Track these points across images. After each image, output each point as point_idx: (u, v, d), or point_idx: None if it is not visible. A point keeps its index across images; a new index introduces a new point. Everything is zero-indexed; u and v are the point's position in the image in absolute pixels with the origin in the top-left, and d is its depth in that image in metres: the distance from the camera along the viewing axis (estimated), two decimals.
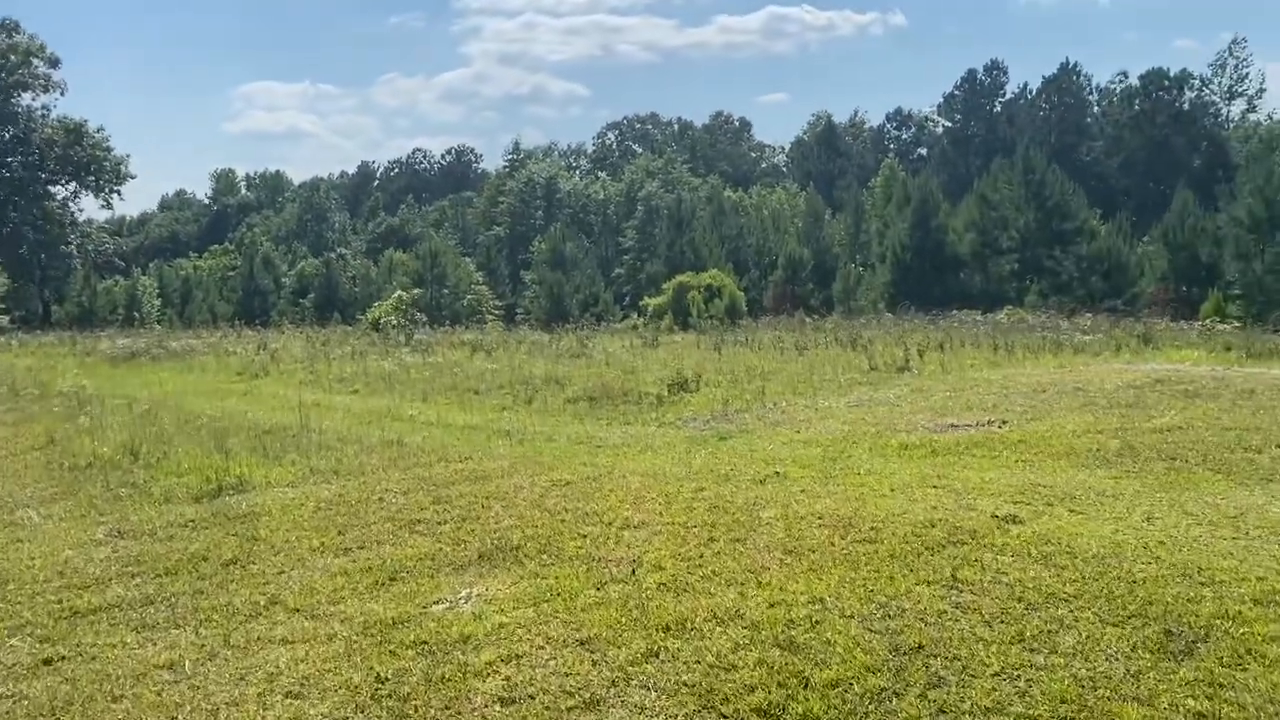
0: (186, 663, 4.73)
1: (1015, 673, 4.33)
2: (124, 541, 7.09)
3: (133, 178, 74.03)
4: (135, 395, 16.83)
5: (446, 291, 61.20)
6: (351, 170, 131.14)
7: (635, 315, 44.37)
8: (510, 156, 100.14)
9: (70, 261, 71.76)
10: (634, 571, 5.79)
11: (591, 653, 4.63)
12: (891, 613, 4.95)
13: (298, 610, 5.46)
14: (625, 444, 10.65)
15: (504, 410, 14.13)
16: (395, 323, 32.38)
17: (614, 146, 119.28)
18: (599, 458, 9.74)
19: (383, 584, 5.87)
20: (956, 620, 4.85)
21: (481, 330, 37.49)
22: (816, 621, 4.86)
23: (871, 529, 6.41)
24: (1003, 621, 4.83)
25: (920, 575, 5.48)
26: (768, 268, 53.91)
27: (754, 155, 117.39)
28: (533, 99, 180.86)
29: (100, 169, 71.70)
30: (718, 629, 4.83)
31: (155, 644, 5.04)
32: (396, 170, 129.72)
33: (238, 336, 32.46)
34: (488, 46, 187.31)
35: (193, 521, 7.61)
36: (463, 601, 5.45)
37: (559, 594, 5.45)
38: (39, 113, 71.24)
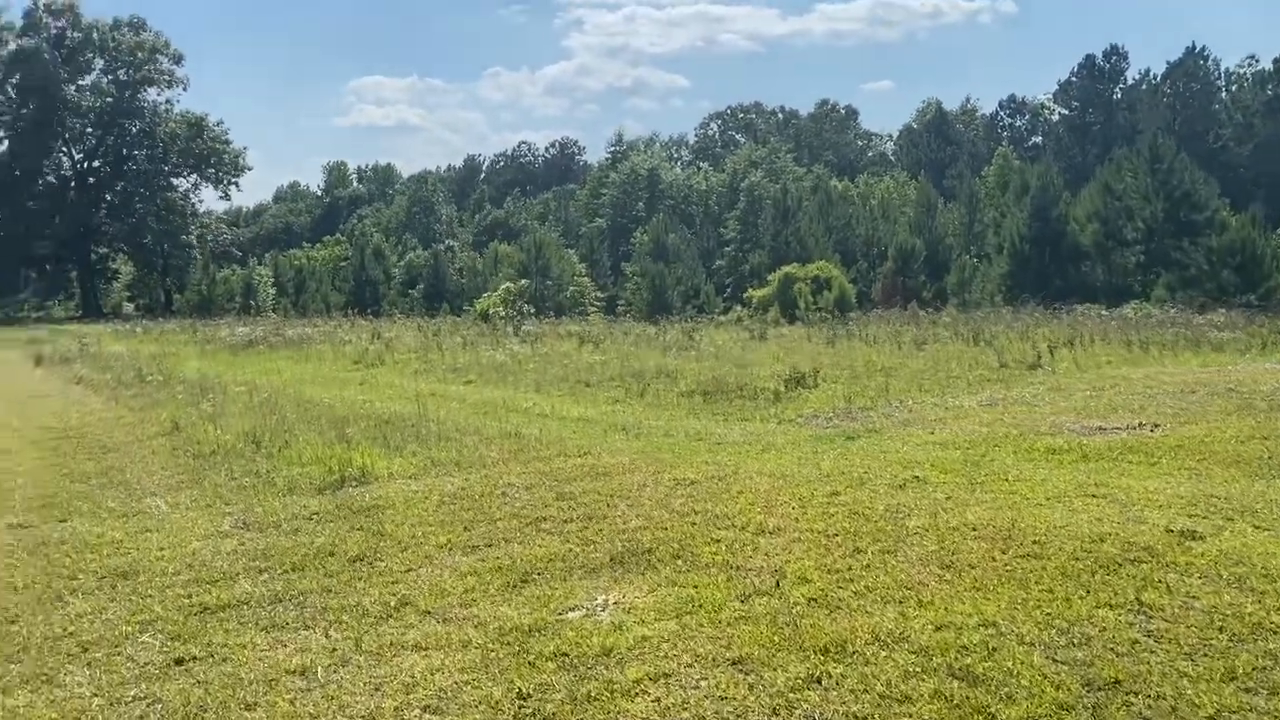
0: (319, 669, 4.53)
1: (1233, 717, 3.82)
2: (250, 534, 7.00)
3: (249, 170, 76.63)
4: (255, 382, 17.11)
5: (550, 283, 61.49)
6: (458, 163, 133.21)
7: (739, 307, 43.80)
8: (612, 148, 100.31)
9: (191, 251, 74.45)
10: (779, 584, 5.41)
11: (746, 674, 4.27)
12: (1076, 640, 4.47)
13: (429, 613, 5.23)
14: (746, 442, 10.26)
15: (616, 403, 13.88)
16: (504, 314, 32.54)
17: (716, 137, 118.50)
18: (720, 456, 9.39)
19: (514, 586, 5.62)
20: (1152, 652, 4.34)
21: (584, 322, 37.50)
22: (993, 648, 4.41)
23: (1034, 543, 5.90)
24: (1206, 655, 4.30)
25: (1100, 598, 4.97)
26: (876, 259, 52.68)
27: (860, 144, 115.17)
28: (634, 91, 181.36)
29: (220, 162, 74.23)
30: (882, 653, 4.42)
31: (286, 646, 4.86)
32: (502, 163, 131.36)
33: (351, 326, 33.04)
34: (590, 40, 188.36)
35: (317, 514, 7.51)
36: (600, 609, 5.15)
37: (701, 605, 5.11)
38: (163, 107, 74.15)
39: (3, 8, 69.92)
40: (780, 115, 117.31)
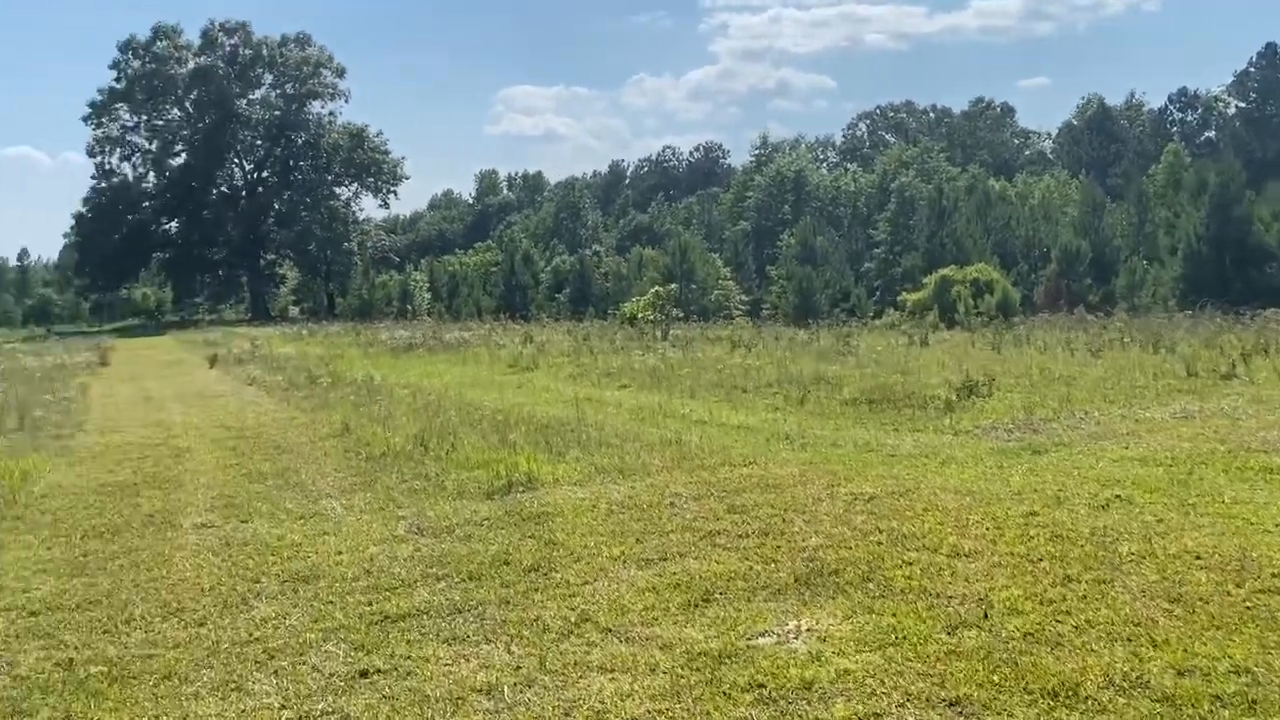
0: (505, 689, 4.36)
1: None
2: (425, 539, 6.97)
3: (407, 179, 79.15)
4: (417, 385, 17.47)
5: (694, 287, 61.35)
6: (604, 169, 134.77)
7: (892, 311, 42.61)
8: (757, 151, 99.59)
9: (352, 257, 77.61)
10: (986, 614, 4.97)
11: (966, 719, 3.88)
12: None
13: (610, 631, 5.02)
14: (921, 454, 9.73)
15: (776, 411, 13.48)
16: (651, 317, 32.49)
17: (865, 137, 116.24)
18: (896, 469, 8.91)
19: (695, 605, 5.36)
20: None
21: (730, 325, 37.12)
22: (1252, 700, 3.88)
23: (1274, 576, 5.28)
24: None
25: None
26: (1037, 261, 50.49)
27: (1017, 142, 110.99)
28: (778, 93, 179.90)
29: (379, 171, 77.05)
30: (1120, 700, 3.95)
31: (469, 661, 4.73)
32: (646, 168, 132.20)
33: (504, 329, 33.61)
34: (733, 43, 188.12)
35: (488, 520, 7.44)
36: (792, 636, 4.82)
37: (904, 637, 4.72)
38: (326, 119, 77.45)
39: (177, 28, 74.08)
40: (932, 114, 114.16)
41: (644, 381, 17.13)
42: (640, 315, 34.60)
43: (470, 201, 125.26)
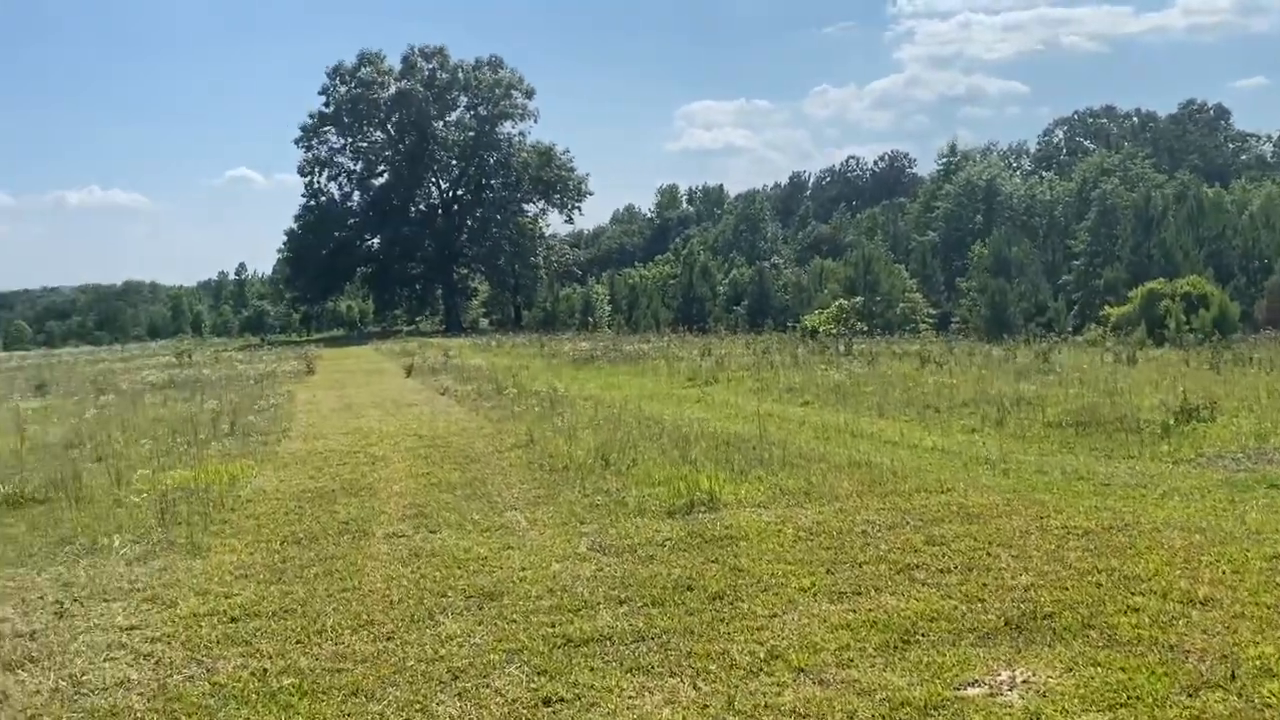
0: None
1: None
2: (607, 558, 6.83)
3: (590, 194, 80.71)
4: (598, 397, 17.56)
5: (879, 300, 59.77)
6: (784, 181, 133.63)
7: (1093, 326, 40.13)
8: (945, 159, 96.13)
9: (538, 271, 79.80)
10: (1234, 675, 4.38)
11: None
12: None
13: (802, 671, 4.70)
14: (1138, 484, 8.93)
15: (973, 433, 12.77)
16: (834, 331, 31.74)
17: (1061, 144, 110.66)
18: (1111, 501, 8.19)
19: (895, 647, 4.97)
20: None
21: (917, 340, 35.83)
22: None
23: None
24: None
25: None
26: (1257, 273, 46.53)
27: (1232, 146, 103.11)
28: (968, 100, 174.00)
29: (565, 188, 78.96)
30: None
31: (653, 694, 4.52)
32: (829, 179, 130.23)
33: (681, 342, 33.61)
34: (920, 50, 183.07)
35: (669, 540, 7.24)
36: (1005, 688, 4.38)
37: (1136, 696, 4.21)
38: (517, 139, 79.99)
39: (380, 55, 78.10)
40: (1136, 119, 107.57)
41: (828, 398, 16.63)
42: (822, 328, 33.90)
43: (650, 215, 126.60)
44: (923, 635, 5.10)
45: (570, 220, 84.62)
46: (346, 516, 8.61)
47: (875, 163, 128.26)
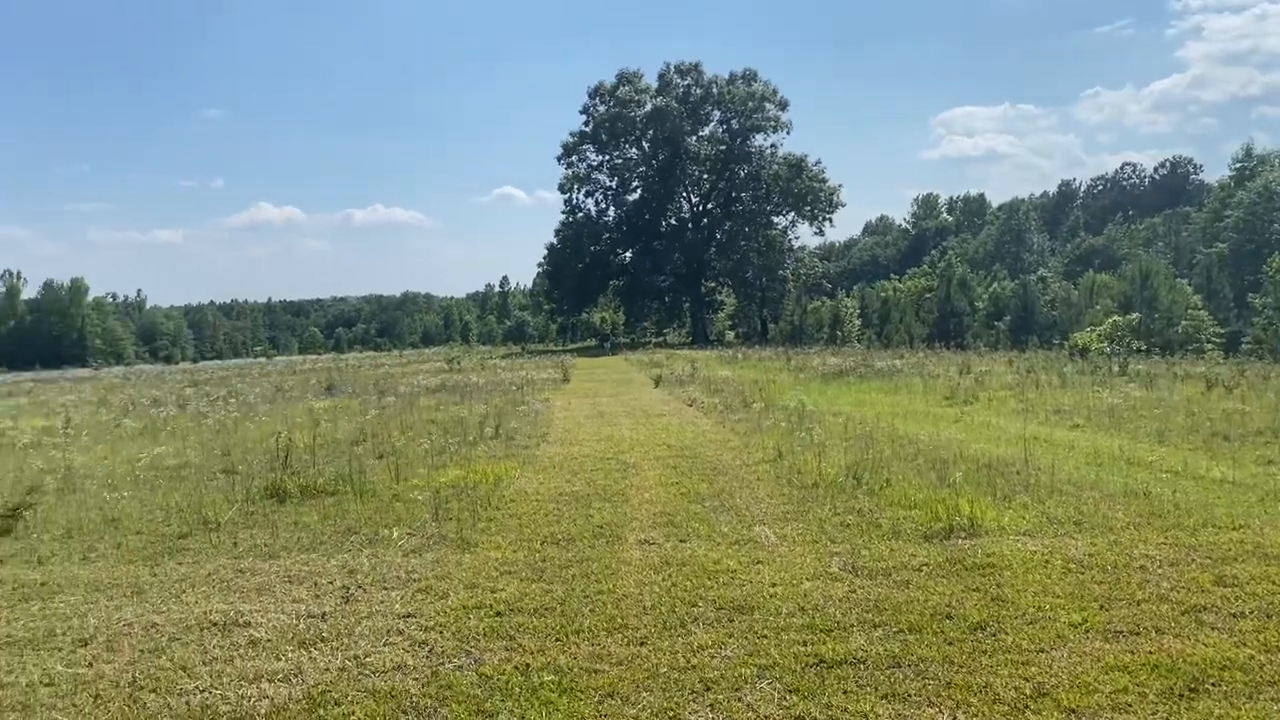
0: None
1: None
2: (860, 580, 6.67)
3: (842, 206, 79.52)
4: (848, 413, 17.22)
5: (1157, 317, 55.29)
6: (1051, 190, 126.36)
7: None
8: (1239, 165, 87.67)
9: (785, 284, 79.51)
10: None
11: None
12: None
13: (1073, 713, 4.40)
14: None
15: (1270, 464, 11.51)
16: (1106, 350, 29.61)
17: None
18: None
19: (1180, 695, 4.55)
20: None
21: (1201, 361, 32.82)
22: None
23: None
24: None
25: None
26: None
27: None
28: (1264, 99, 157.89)
29: (815, 199, 78.24)
30: None
31: None
32: (1101, 187, 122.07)
33: (937, 358, 32.42)
34: (1209, 47, 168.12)
35: (925, 565, 6.98)
36: None
37: None
38: (768, 151, 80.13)
39: (638, 74, 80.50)
40: None
41: (1100, 422, 15.52)
42: (1093, 347, 31.70)
43: (905, 226, 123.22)
44: (1212, 685, 4.64)
45: (820, 232, 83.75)
46: (601, 521, 8.87)
47: (1155, 169, 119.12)
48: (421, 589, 6.84)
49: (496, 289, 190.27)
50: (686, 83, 79.95)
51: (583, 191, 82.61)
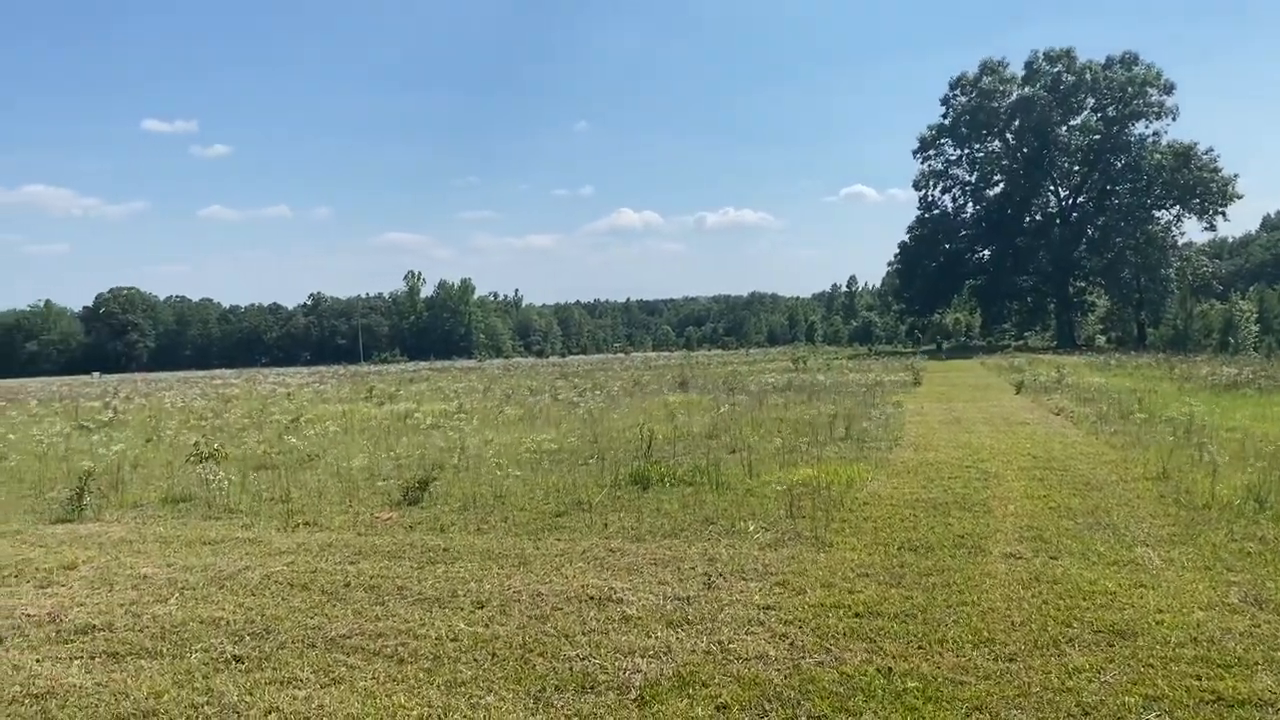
0: None
1: None
2: (1265, 615, 5.96)
3: (1238, 198, 70.90)
4: (1246, 429, 15.37)
5: None
6: None
7: None
8: None
9: (1168, 285, 72.10)
10: None
11: None
12: None
13: None
14: None
15: None
16: None
17: None
18: None
19: None
20: None
21: None
22: None
23: None
24: None
25: None
26: None
27: None
28: None
29: (1206, 191, 70.40)
30: None
31: None
32: None
33: None
34: None
35: None
36: None
37: None
38: (1149, 139, 73.19)
39: (1003, 63, 76.46)
40: None
41: None
42: None
43: None
44: None
45: (1212, 228, 75.20)
46: (960, 530, 8.57)
47: None
48: (779, 583, 6.97)
49: (843, 289, 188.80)
50: (1056, 70, 74.88)
51: (939, 187, 79.99)
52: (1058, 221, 77.28)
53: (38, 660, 5.88)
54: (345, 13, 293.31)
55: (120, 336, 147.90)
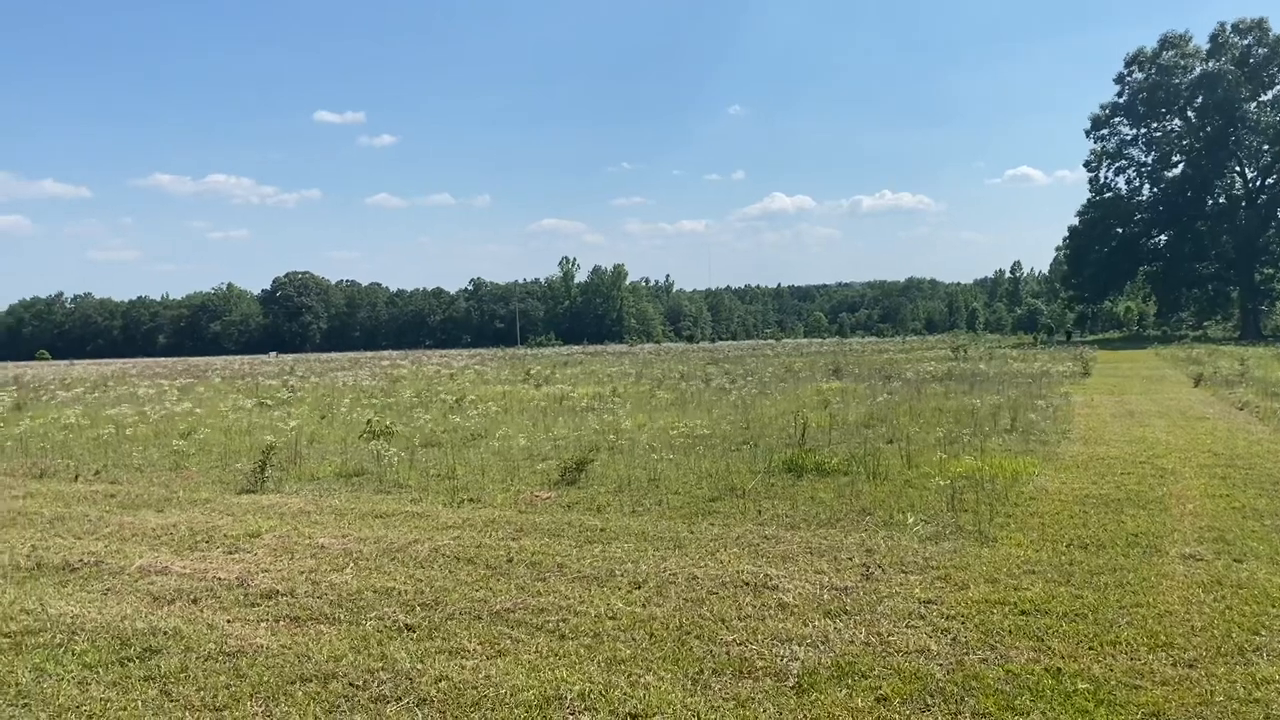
0: None
1: None
2: None
3: None
4: None
5: None
6: None
7: None
8: None
9: None
10: None
11: None
12: None
13: None
14: None
15: None
16: None
17: None
18: None
19: None
20: None
21: None
22: None
23: None
24: None
25: None
26: None
27: None
28: None
29: None
30: None
31: None
32: None
33: None
34: None
35: None
36: None
37: None
38: None
39: (1185, 36, 71.83)
40: None
41: None
42: None
43: None
44: None
45: None
46: (1134, 529, 8.18)
47: None
48: (940, 577, 6.82)
49: (1007, 274, 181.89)
50: (1246, 42, 69.87)
51: (1112, 168, 76.01)
52: (1243, 204, 72.25)
53: (228, 621, 6.32)
54: (504, 5, 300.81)
55: (295, 318, 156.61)
